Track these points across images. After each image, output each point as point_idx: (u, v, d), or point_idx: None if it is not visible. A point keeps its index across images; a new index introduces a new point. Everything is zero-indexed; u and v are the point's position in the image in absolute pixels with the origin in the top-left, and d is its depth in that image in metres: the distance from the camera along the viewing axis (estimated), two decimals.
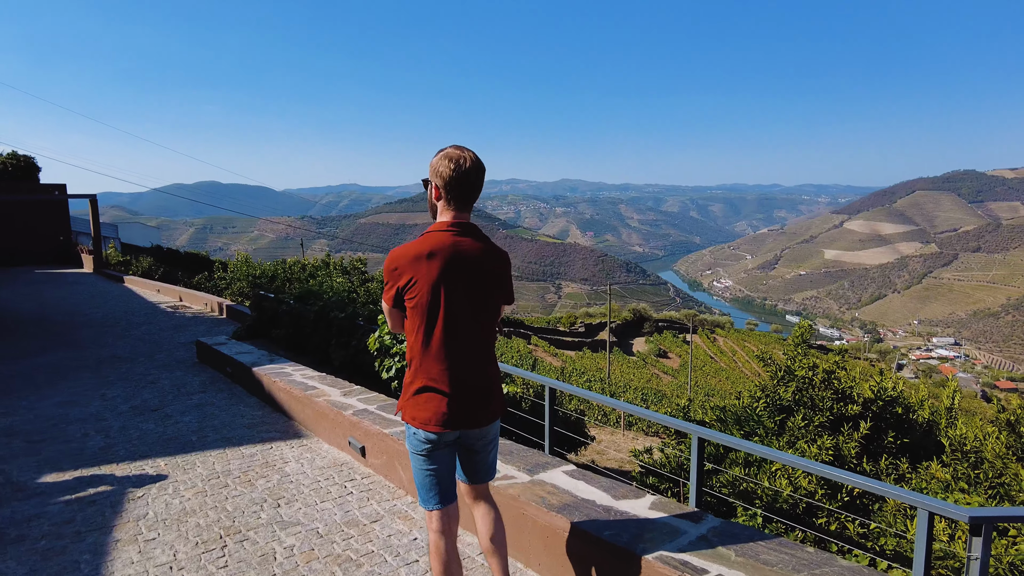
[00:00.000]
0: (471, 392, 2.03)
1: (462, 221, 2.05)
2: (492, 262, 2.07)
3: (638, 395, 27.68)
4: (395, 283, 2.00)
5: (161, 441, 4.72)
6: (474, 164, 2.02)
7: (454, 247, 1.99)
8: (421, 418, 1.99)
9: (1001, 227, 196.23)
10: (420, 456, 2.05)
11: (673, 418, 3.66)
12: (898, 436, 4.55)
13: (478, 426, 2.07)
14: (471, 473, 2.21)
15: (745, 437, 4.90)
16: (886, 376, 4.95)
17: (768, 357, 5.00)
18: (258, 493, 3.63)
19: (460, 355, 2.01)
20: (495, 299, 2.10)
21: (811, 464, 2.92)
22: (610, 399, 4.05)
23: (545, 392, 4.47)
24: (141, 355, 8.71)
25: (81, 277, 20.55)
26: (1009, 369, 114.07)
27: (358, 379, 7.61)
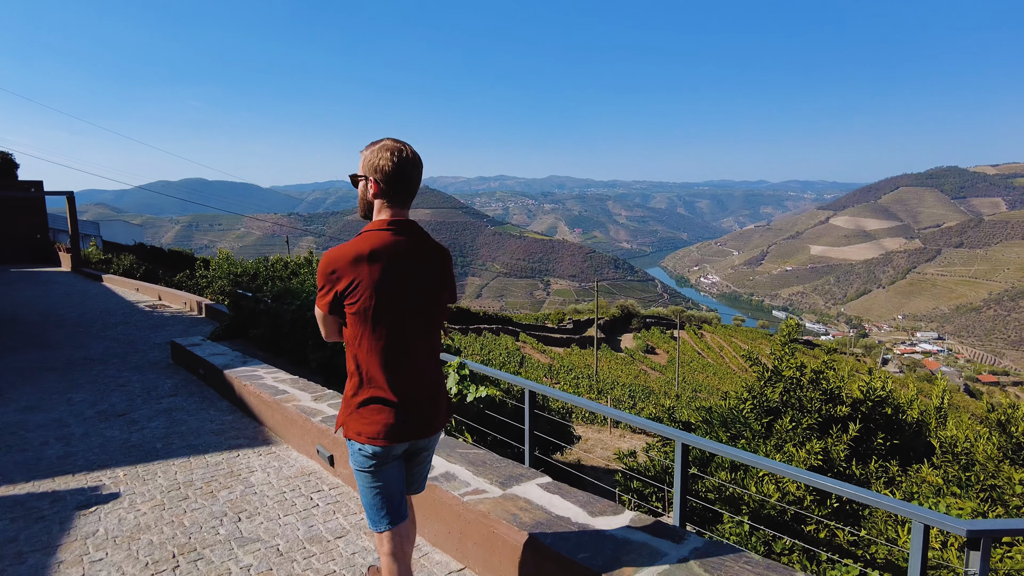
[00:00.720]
0: (419, 400, 1.93)
1: (402, 219, 1.92)
2: (436, 261, 1.97)
3: (625, 392, 27.64)
4: (333, 287, 1.84)
5: (124, 449, 4.49)
6: (414, 158, 1.90)
7: (396, 247, 1.86)
8: (368, 432, 1.85)
9: (983, 223, 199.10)
10: (367, 473, 1.91)
11: (656, 423, 3.50)
12: (888, 437, 4.44)
13: (428, 435, 1.98)
14: (411, 484, 2.13)
15: (731, 439, 4.76)
16: (875, 375, 4.84)
17: (755, 357, 4.86)
18: (219, 506, 3.42)
19: (408, 362, 1.90)
20: (442, 299, 2.00)
21: (800, 473, 2.77)
22: (592, 403, 3.89)
23: (525, 395, 4.30)
24: (114, 356, 8.44)
25: (58, 276, 20.08)
26: (991, 363, 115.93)
27: (335, 381, 7.41)
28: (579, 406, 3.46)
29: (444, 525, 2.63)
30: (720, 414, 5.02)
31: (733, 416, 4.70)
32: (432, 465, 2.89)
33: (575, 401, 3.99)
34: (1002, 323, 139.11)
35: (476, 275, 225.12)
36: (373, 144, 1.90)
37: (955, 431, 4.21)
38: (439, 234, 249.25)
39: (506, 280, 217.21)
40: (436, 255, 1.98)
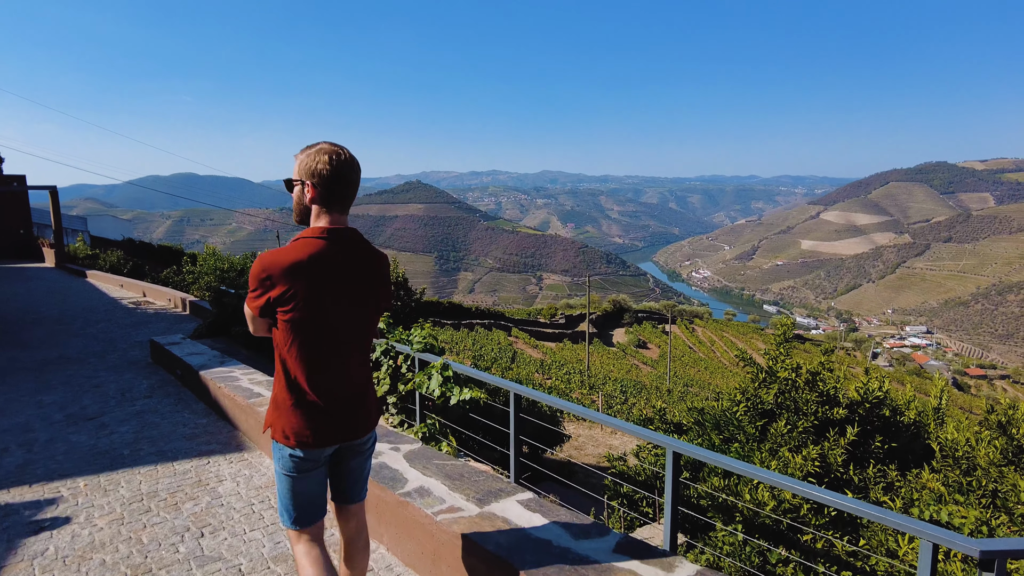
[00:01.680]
0: (347, 403, 1.93)
1: (340, 226, 1.88)
2: (373, 269, 1.96)
3: (617, 387, 27.56)
4: (266, 293, 1.81)
5: (89, 456, 4.27)
6: (352, 161, 1.87)
7: (334, 256, 1.84)
8: (295, 435, 1.85)
9: (971, 218, 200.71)
10: (290, 476, 1.90)
11: (647, 429, 3.32)
12: (885, 440, 4.28)
13: (356, 436, 1.97)
14: (348, 490, 2.08)
15: (724, 443, 4.60)
16: (872, 375, 4.68)
17: (749, 357, 4.69)
18: (182, 520, 3.21)
19: (337, 368, 1.89)
20: (375, 307, 2.00)
21: (799, 486, 2.61)
22: (581, 408, 3.71)
23: (510, 399, 4.12)
24: (92, 355, 8.18)
25: (41, 272, 19.69)
26: (979, 356, 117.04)
27: None
28: (567, 410, 3.28)
29: (417, 545, 2.44)
30: (713, 416, 4.86)
31: (726, 418, 4.53)
32: (406, 478, 2.70)
33: (562, 405, 3.81)
34: (989, 317, 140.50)
35: (469, 270, 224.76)
36: (309, 147, 1.87)
37: (955, 434, 4.06)
38: (432, 229, 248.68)
39: (499, 275, 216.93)
40: (373, 263, 1.96)
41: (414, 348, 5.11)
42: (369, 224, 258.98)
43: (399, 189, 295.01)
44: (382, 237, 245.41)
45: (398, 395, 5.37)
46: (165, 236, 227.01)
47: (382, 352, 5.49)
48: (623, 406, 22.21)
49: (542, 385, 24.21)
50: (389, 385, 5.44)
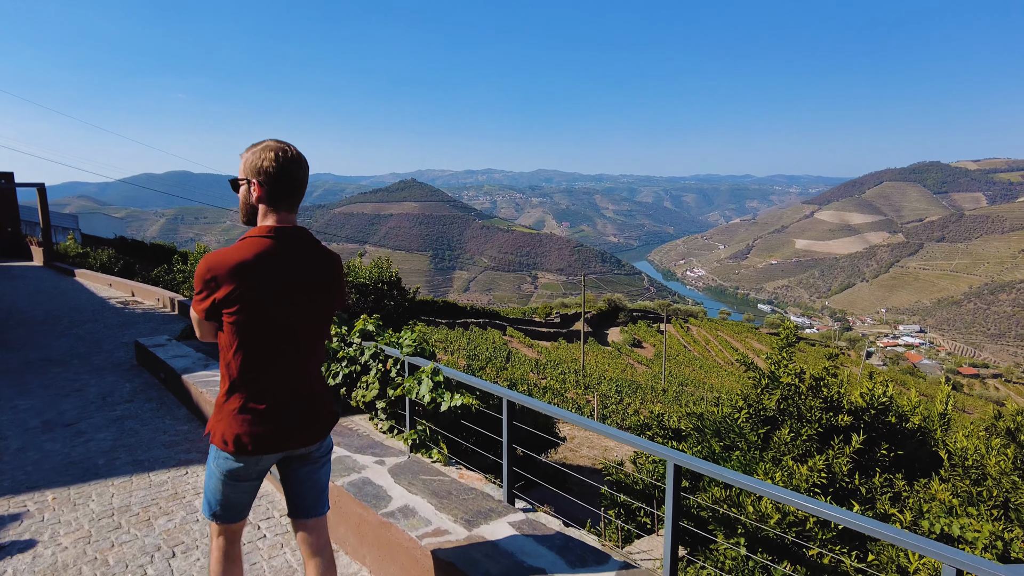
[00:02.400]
0: (294, 409, 1.86)
1: (288, 225, 1.83)
2: (322, 269, 1.89)
3: (612, 387, 27.42)
4: (211, 295, 1.74)
5: (62, 466, 4.07)
6: (299, 158, 1.82)
7: (279, 257, 1.77)
8: (235, 442, 1.78)
9: (964, 217, 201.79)
10: (226, 480, 1.84)
11: (645, 440, 3.16)
12: (891, 448, 4.13)
13: (302, 445, 1.89)
14: (302, 503, 1.99)
15: (725, 451, 4.44)
16: (876, 380, 4.53)
17: (750, 362, 4.54)
18: (154, 537, 3.03)
19: (283, 372, 1.83)
20: (325, 308, 1.93)
21: (809, 503, 2.45)
22: (577, 417, 3.53)
23: (503, 406, 3.94)
24: (76, 357, 7.97)
25: (28, 271, 19.38)
26: (971, 355, 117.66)
27: None
28: (563, 419, 3.10)
29: (401, 570, 2.27)
30: (713, 421, 4.70)
31: (727, 425, 4.38)
32: (390, 496, 2.53)
33: (559, 414, 3.64)
34: (982, 316, 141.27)
35: (464, 269, 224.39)
36: (255, 146, 1.81)
37: (965, 442, 3.91)
38: (427, 227, 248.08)
39: (494, 274, 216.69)
40: (323, 263, 1.89)
41: (404, 352, 4.92)
42: (364, 223, 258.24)
43: (394, 187, 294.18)
44: (377, 236, 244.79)
45: (387, 400, 5.19)
46: (159, 234, 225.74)
47: (371, 356, 5.31)
48: (618, 406, 22.07)
49: (537, 385, 24.05)
50: (378, 390, 5.25)
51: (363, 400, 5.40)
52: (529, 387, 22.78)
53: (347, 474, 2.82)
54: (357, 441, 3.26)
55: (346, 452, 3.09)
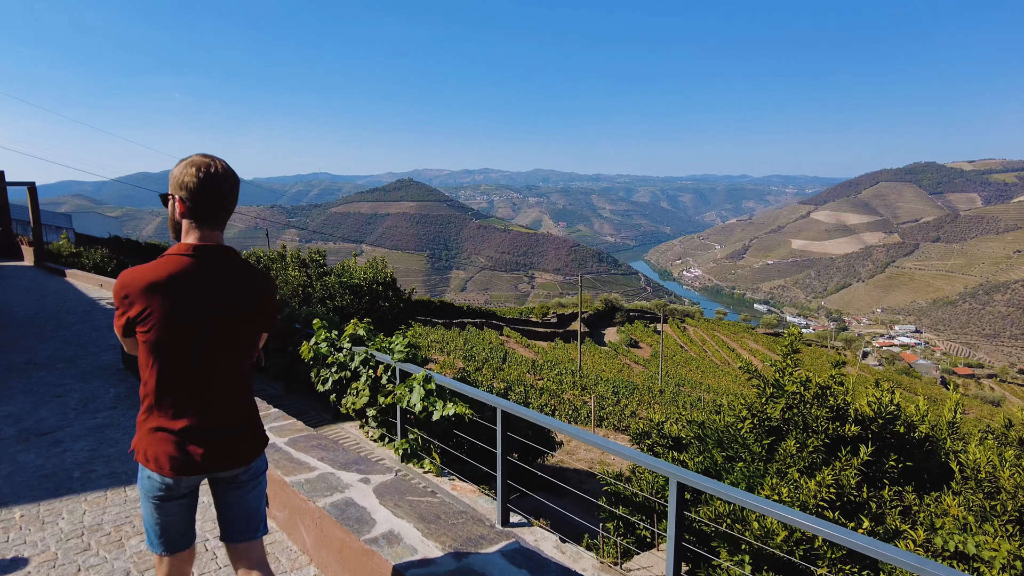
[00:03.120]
0: (214, 433, 1.81)
1: (210, 244, 1.78)
2: (245, 289, 1.83)
3: (609, 387, 27.28)
4: (125, 312, 1.72)
5: (34, 480, 3.88)
6: (225, 173, 1.77)
7: (195, 275, 1.73)
8: (156, 461, 1.75)
9: (959, 218, 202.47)
10: (151, 502, 1.81)
11: (647, 456, 3.00)
12: (900, 459, 3.98)
13: (227, 468, 1.85)
14: (231, 527, 1.95)
15: (728, 461, 4.28)
16: (882, 387, 4.38)
17: (753, 369, 4.38)
18: (124, 561, 2.84)
19: (201, 393, 1.78)
20: (249, 330, 1.87)
21: (816, 524, 2.29)
22: (576, 429, 3.37)
23: (497, 416, 3.77)
24: (61, 360, 7.76)
25: (18, 271, 19.11)
26: (966, 355, 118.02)
27: (295, 388, 6.83)
28: (560, 431, 2.94)
29: None
30: (715, 430, 4.54)
31: (730, 435, 4.22)
32: (374, 520, 2.36)
33: (555, 426, 3.48)
34: (977, 316, 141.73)
35: (461, 268, 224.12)
36: (183, 160, 1.79)
37: (977, 453, 3.76)
38: (424, 227, 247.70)
39: (491, 274, 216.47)
40: (246, 283, 1.84)
41: (395, 358, 4.75)
42: (360, 222, 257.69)
43: (391, 187, 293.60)
44: (374, 235, 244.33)
45: (378, 408, 5.02)
46: (155, 234, 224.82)
47: (361, 362, 5.14)
48: (615, 408, 21.92)
49: (533, 386, 23.88)
50: (368, 397, 5.09)
51: (353, 407, 5.23)
52: (526, 388, 22.63)
53: (330, 494, 2.64)
54: (342, 456, 3.08)
55: (329, 469, 2.92)
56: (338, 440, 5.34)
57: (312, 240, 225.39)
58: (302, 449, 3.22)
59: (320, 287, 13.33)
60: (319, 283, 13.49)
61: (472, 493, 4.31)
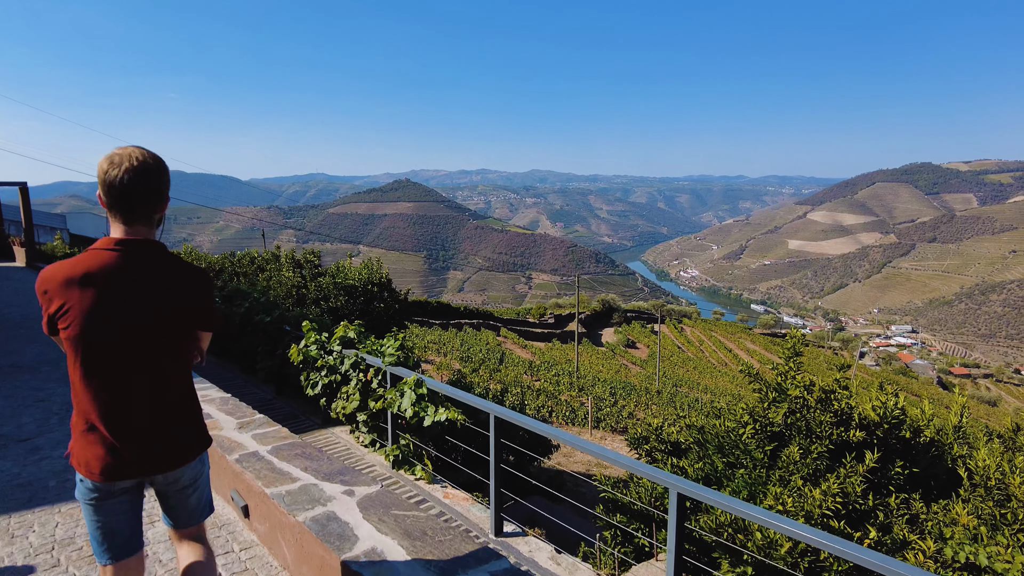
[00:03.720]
0: (144, 435, 1.76)
1: (132, 238, 1.72)
2: (173, 285, 1.78)
3: (607, 388, 27.16)
4: (46, 309, 1.71)
5: (8, 489, 3.73)
6: (137, 168, 1.68)
7: (116, 269, 1.68)
8: (86, 465, 1.73)
9: (955, 218, 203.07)
10: (88, 506, 1.78)
11: (646, 465, 2.87)
12: (906, 465, 3.85)
13: (158, 471, 1.82)
14: (171, 517, 1.98)
15: (729, 467, 4.15)
16: (886, 390, 4.25)
17: (755, 372, 4.25)
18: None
19: (127, 393, 1.73)
20: (177, 327, 1.81)
21: (823, 539, 2.15)
22: (574, 438, 3.24)
23: (490, 423, 3.64)
24: (47, 363, 7.58)
25: (9, 272, 18.88)
26: (962, 355, 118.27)
27: (286, 392, 6.69)
28: (556, 439, 2.80)
29: None
30: (716, 435, 4.41)
31: (731, 440, 4.09)
32: (356, 536, 2.22)
33: (551, 433, 3.34)
34: (973, 316, 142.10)
35: (458, 269, 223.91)
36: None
37: (988, 459, 3.63)
38: (421, 228, 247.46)
39: (488, 274, 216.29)
40: (174, 278, 1.78)
41: (385, 361, 4.61)
42: (358, 223, 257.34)
43: (388, 187, 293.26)
44: (371, 236, 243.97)
45: (368, 413, 4.88)
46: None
47: (351, 365, 4.99)
48: (613, 409, 21.80)
49: (530, 388, 23.75)
50: (359, 401, 4.94)
51: (343, 412, 5.09)
52: (523, 389, 22.48)
53: (311, 507, 2.50)
54: (326, 466, 2.94)
55: (312, 480, 2.78)
56: (328, 445, 5.20)
57: (309, 241, 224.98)
58: (285, 458, 3.07)
59: (314, 288, 13.16)
60: (313, 284, 13.33)
61: (465, 501, 4.17)
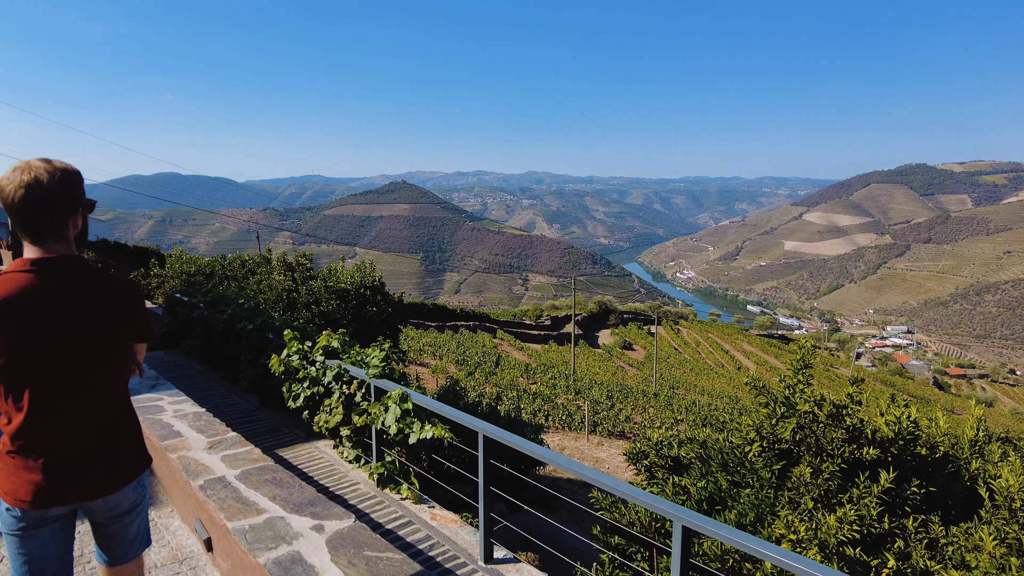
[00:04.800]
0: (80, 457, 1.70)
1: (46, 256, 1.64)
2: (100, 300, 1.72)
3: (604, 392, 26.92)
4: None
5: None
6: (32, 184, 1.57)
7: (34, 291, 1.60)
8: (10, 492, 1.64)
9: (950, 219, 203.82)
10: (13, 537, 1.68)
11: (647, 494, 2.63)
12: (923, 484, 3.61)
13: (91, 497, 1.73)
14: (107, 551, 1.87)
15: (733, 486, 3.91)
16: (898, 403, 4.01)
17: (762, 386, 4.01)
18: None
19: (59, 414, 1.67)
20: (106, 342, 1.75)
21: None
22: (570, 461, 2.99)
23: (479, 442, 3.38)
24: None
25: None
26: (958, 356, 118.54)
27: (270, 402, 6.41)
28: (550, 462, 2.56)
29: None
30: (719, 451, 4.17)
31: (736, 458, 3.85)
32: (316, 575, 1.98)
33: (546, 456, 3.09)
34: (968, 317, 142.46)
35: (455, 270, 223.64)
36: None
37: (1012, 479, 3.40)
38: (417, 229, 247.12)
39: (484, 276, 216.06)
40: (100, 294, 1.71)
41: (369, 373, 4.35)
42: (354, 224, 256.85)
43: (384, 189, 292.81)
44: (367, 238, 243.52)
45: (352, 427, 4.61)
46: (147, 236, 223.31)
47: (333, 377, 4.73)
48: (610, 412, 21.56)
49: (527, 391, 23.50)
50: (342, 415, 4.68)
51: (326, 426, 4.83)
52: (519, 393, 22.21)
53: (275, 546, 2.24)
54: (297, 494, 2.68)
55: (280, 512, 2.52)
56: (311, 461, 4.93)
57: (305, 243, 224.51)
58: (254, 484, 2.81)
59: (305, 292, 12.88)
60: (304, 288, 13.05)
61: (453, 523, 3.92)
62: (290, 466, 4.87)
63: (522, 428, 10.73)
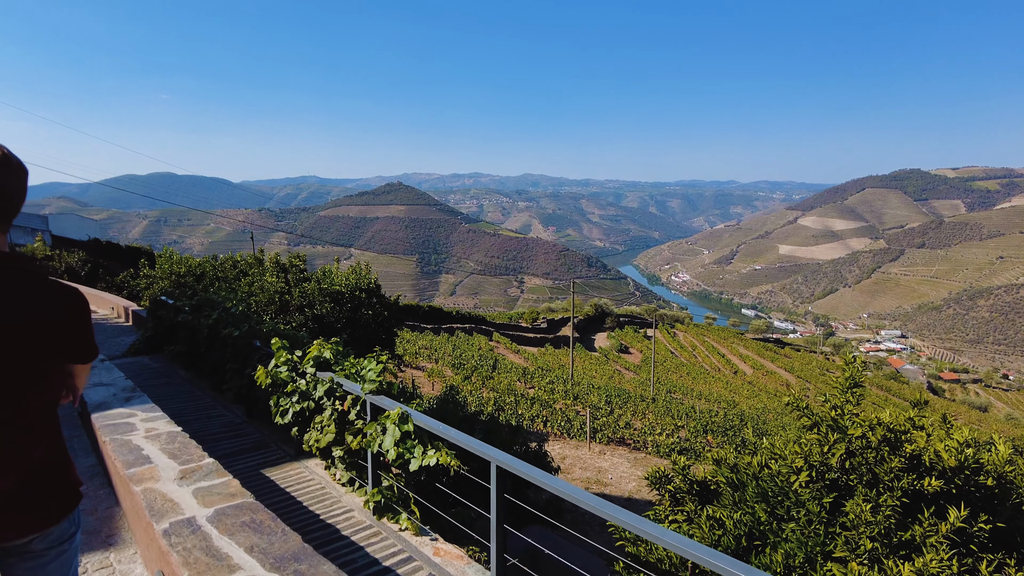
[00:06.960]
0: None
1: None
2: (20, 309, 1.43)
3: (602, 397, 26.48)
4: None
5: None
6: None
7: None
8: None
9: (944, 224, 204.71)
10: None
11: (683, 538, 2.20)
12: (990, 519, 3.19)
13: (6, 540, 1.48)
14: None
15: (774, 519, 3.47)
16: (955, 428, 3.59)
17: (804, 406, 3.58)
18: None
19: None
20: (28, 360, 1.46)
21: None
22: (593, 499, 2.56)
23: (491, 473, 2.94)
24: None
25: None
26: (951, 360, 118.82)
27: (258, 415, 5.94)
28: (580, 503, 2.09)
29: None
30: (754, 476, 3.73)
31: (777, 487, 3.42)
32: None
33: (575, 496, 2.66)
34: (961, 321, 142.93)
35: (451, 272, 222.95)
36: None
37: None
38: (413, 231, 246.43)
39: (480, 278, 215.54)
40: (27, 301, 1.46)
41: (365, 389, 3.89)
42: (350, 226, 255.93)
43: (380, 190, 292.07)
44: (363, 239, 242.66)
45: (345, 448, 4.16)
46: (142, 236, 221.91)
47: (325, 392, 4.27)
48: (609, 418, 21.12)
49: (524, 396, 23.04)
50: (334, 434, 4.22)
51: (317, 445, 4.37)
52: (516, 398, 21.75)
53: None
54: (279, 544, 2.23)
55: (256, 569, 2.06)
56: (300, 483, 4.47)
57: (300, 244, 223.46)
58: (228, 530, 2.36)
59: (298, 294, 12.41)
60: (297, 290, 12.57)
61: (459, 560, 3.47)
62: (277, 489, 4.42)
63: (525, 438, 10.28)
